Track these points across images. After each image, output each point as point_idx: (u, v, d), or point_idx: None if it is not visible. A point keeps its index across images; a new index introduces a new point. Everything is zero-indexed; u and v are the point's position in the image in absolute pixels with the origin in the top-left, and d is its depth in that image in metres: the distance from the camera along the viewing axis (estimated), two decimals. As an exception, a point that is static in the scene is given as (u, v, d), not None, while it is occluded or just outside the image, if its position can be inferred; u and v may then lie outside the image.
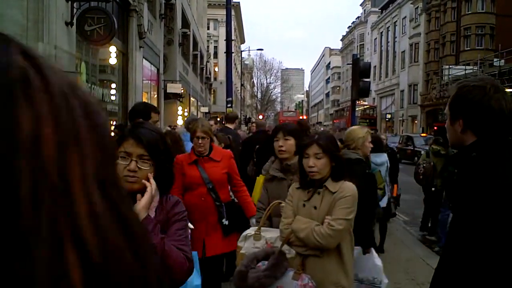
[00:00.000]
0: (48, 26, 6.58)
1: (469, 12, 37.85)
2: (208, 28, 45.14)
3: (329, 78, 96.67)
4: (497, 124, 1.75)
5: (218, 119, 15.68)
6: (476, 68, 29.87)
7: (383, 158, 6.46)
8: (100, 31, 8.02)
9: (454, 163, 2.06)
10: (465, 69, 30.12)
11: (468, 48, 37.62)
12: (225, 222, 4.12)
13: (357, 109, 28.67)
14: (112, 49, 10.44)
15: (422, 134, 28.25)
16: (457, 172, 1.93)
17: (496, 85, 1.79)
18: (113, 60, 10.76)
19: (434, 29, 42.87)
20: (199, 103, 31.99)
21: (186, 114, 24.39)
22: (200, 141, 4.08)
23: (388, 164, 6.58)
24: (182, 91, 20.35)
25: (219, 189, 4.15)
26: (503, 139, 1.76)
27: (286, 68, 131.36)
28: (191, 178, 4.05)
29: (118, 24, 9.17)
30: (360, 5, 75.52)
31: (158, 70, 17.13)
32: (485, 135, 1.77)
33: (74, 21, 7.53)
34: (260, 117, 51.71)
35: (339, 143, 3.71)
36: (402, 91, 51.56)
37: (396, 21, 54.70)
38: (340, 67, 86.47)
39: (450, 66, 34.21)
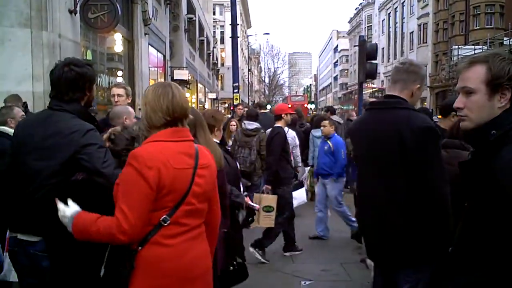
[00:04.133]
0: (51, 15, 6.58)
1: (479, -9, 37.21)
2: (214, 14, 44.95)
3: (337, 61, 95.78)
4: None
5: (226, 105, 15.00)
6: (485, 48, 29.43)
7: None
8: (104, 18, 8.01)
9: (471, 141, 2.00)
10: (475, 49, 29.66)
11: (478, 28, 37.01)
12: None
13: (365, 92, 28.39)
14: (117, 36, 10.43)
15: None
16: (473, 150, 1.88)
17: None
18: (118, 48, 10.76)
19: (443, 8, 42.20)
20: (206, 89, 31.97)
21: (194, 100, 24.40)
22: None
23: None
24: (189, 77, 20.33)
25: None
26: None
27: (294, 52, 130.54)
28: None
29: (122, 11, 9.15)
30: (368, -14, 74.57)
31: (164, 56, 17.10)
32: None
33: (78, 9, 7.52)
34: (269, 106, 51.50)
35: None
36: (411, 72, 50.96)
37: (404, 1, 53.94)
38: (348, 49, 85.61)
39: (459, 46, 33.72)
